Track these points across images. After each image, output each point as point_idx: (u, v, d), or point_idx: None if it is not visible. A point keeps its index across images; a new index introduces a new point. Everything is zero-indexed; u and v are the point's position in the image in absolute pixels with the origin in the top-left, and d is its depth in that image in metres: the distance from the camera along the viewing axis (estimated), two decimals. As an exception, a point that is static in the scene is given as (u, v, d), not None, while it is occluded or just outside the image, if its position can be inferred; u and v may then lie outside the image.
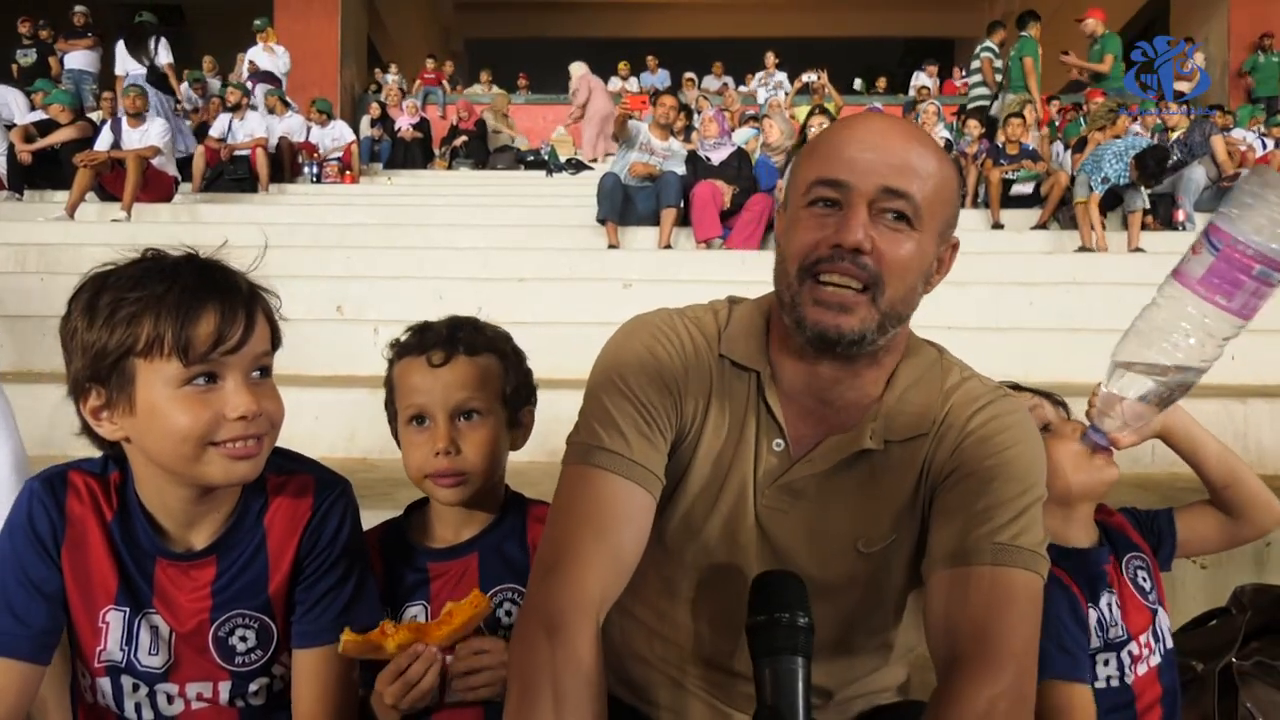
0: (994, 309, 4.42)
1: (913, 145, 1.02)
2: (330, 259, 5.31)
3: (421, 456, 1.25)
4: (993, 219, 7.18)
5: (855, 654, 1.14)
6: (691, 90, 12.59)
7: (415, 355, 1.26)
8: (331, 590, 1.16)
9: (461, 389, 1.25)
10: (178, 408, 1.02)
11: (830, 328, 1.00)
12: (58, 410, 3.30)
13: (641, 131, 6.55)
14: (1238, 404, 3.19)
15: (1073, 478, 1.29)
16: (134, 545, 1.12)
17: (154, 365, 1.01)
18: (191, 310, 1.01)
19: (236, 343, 1.03)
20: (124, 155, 6.94)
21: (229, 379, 1.04)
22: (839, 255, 0.99)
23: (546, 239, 6.29)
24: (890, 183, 0.99)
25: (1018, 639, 0.95)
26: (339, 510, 1.19)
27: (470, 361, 1.26)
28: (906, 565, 1.09)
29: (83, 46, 10.39)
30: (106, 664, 1.12)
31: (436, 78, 13.71)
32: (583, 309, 4.27)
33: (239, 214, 7.19)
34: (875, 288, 1.00)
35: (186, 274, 1.04)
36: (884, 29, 18.23)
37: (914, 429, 1.07)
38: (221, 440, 1.03)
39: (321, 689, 1.15)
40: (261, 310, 1.08)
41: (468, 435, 1.25)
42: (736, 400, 1.10)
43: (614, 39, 14.19)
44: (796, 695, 0.84)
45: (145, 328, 1.00)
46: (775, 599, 0.88)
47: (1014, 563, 0.98)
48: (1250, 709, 1.42)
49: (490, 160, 11.02)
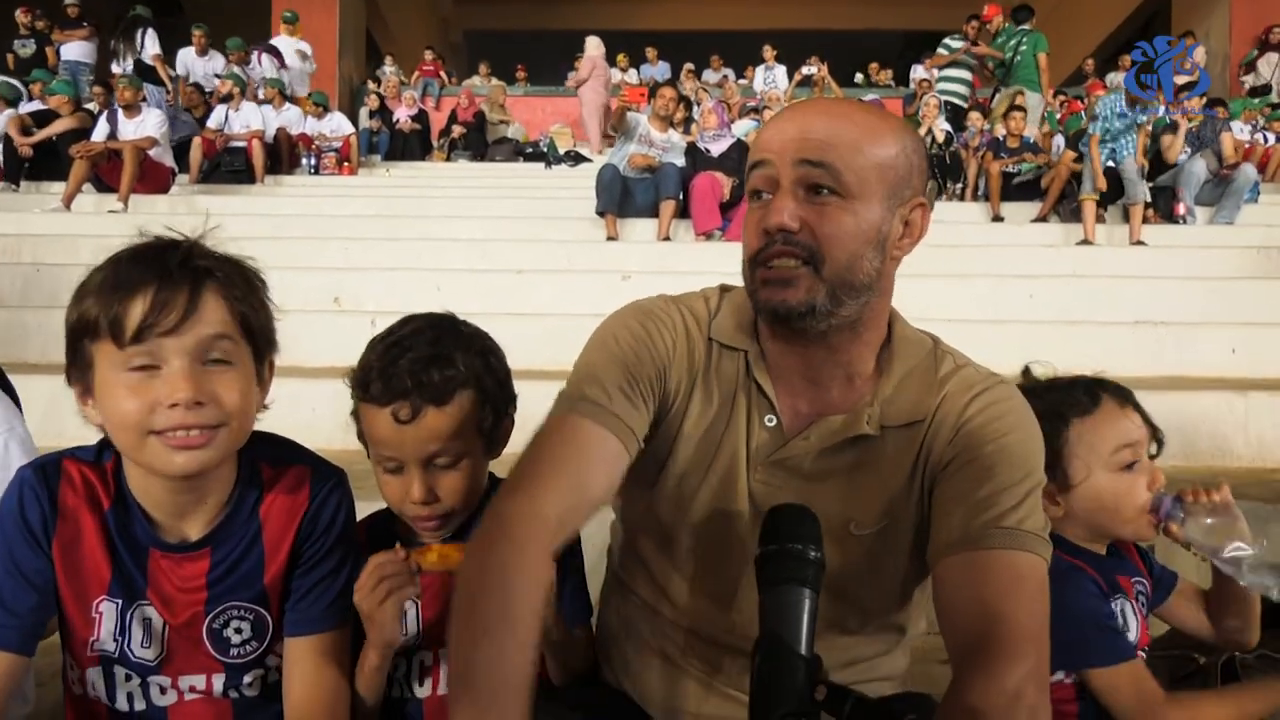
0: (994, 301, 4.41)
1: (836, 118, 1.03)
2: (328, 250, 5.30)
3: (397, 498, 1.21)
4: (993, 212, 7.17)
5: (851, 637, 1.14)
6: (691, 82, 12.55)
7: (379, 406, 1.16)
8: (325, 579, 1.15)
9: (434, 441, 1.16)
10: (120, 392, 0.99)
11: (778, 303, 1.02)
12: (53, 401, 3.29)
13: (640, 123, 6.53)
14: (1238, 397, 3.19)
15: (1123, 525, 1.27)
16: (129, 536, 1.10)
17: (100, 348, 0.99)
18: (122, 290, 0.98)
19: (173, 324, 0.98)
20: (120, 146, 6.91)
21: (170, 364, 0.99)
22: (771, 240, 1.02)
23: (545, 231, 6.26)
24: (806, 154, 1.00)
25: (1034, 621, 0.96)
26: (335, 500, 1.17)
27: (440, 413, 1.16)
28: (901, 551, 1.10)
29: (79, 37, 10.33)
30: (99, 653, 1.11)
31: (435, 69, 13.67)
32: (581, 301, 4.25)
33: (236, 205, 7.17)
34: (815, 259, 1.01)
35: (138, 256, 1.01)
36: (882, 21, 18.18)
37: (910, 416, 1.08)
38: (161, 429, 0.99)
39: (314, 677, 1.13)
40: (216, 292, 1.02)
41: (443, 481, 1.19)
42: (726, 379, 1.12)
43: (613, 31, 14.12)
44: (801, 625, 0.80)
45: (88, 309, 0.99)
46: (786, 531, 0.86)
47: (1021, 546, 0.98)
48: (1252, 702, 1.41)
49: (489, 152, 10.99)
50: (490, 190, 8.16)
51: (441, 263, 5.07)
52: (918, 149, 1.07)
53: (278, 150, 8.78)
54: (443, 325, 1.23)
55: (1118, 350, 3.82)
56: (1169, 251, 5.68)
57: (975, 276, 4.77)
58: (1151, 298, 4.42)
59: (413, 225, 6.20)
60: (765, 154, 1.03)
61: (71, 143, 7.08)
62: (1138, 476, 1.26)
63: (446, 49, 16.01)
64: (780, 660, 0.78)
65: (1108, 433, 1.26)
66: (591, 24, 13.75)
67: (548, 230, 6.29)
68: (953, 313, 4.02)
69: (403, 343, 1.18)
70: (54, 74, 9.54)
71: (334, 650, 1.16)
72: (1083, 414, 1.29)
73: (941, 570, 1.01)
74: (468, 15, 19.05)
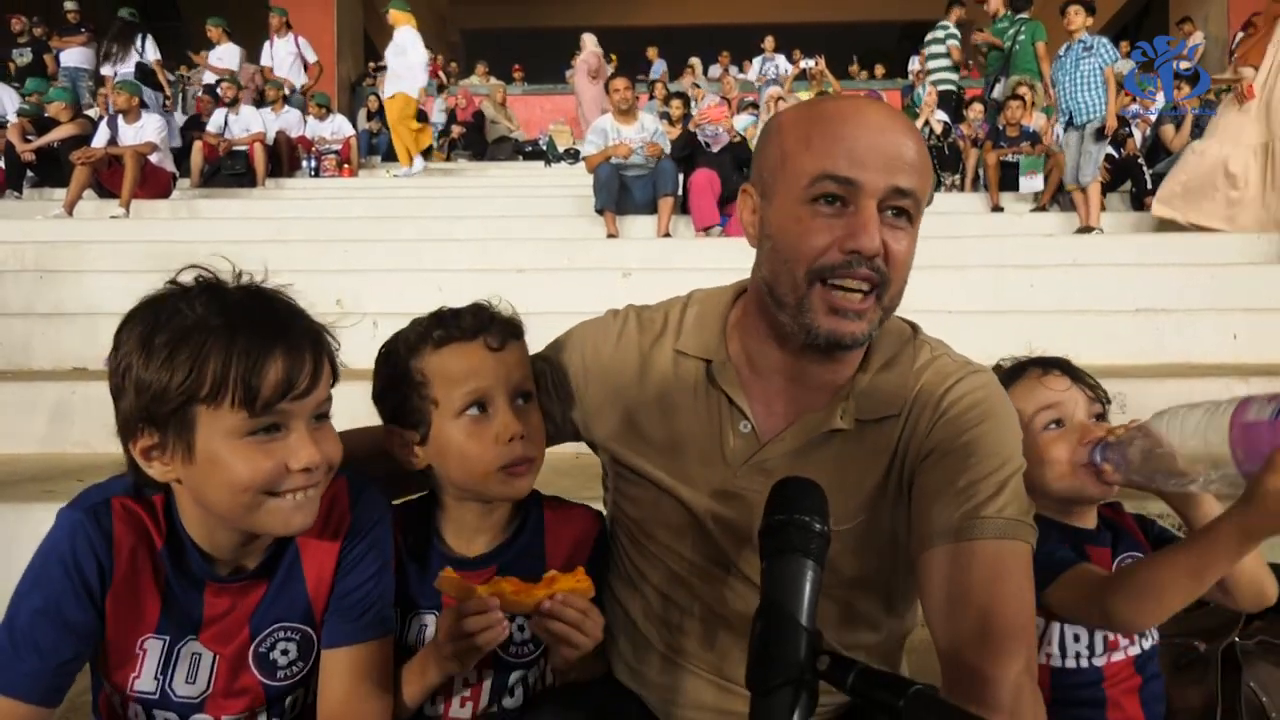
0: (995, 292, 4.41)
1: (910, 139, 1.01)
2: (329, 253, 5.30)
3: (487, 448, 1.13)
4: (992, 202, 7.16)
5: (834, 631, 1.13)
6: (689, 77, 12.55)
7: (467, 340, 1.15)
8: (364, 585, 1.11)
9: (519, 368, 1.18)
10: (239, 458, 0.95)
11: (845, 335, 1.01)
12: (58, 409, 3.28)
13: (606, 132, 6.41)
14: (1240, 383, 3.19)
15: (1054, 481, 1.28)
16: (184, 572, 1.05)
17: (217, 413, 0.94)
18: (260, 357, 0.93)
19: (304, 390, 0.96)
20: (121, 152, 6.93)
21: (294, 428, 0.97)
22: (857, 261, 0.98)
23: (545, 229, 6.27)
24: (900, 182, 0.98)
25: (1024, 613, 0.97)
26: (372, 505, 1.14)
27: (518, 344, 1.19)
28: (880, 547, 1.09)
29: (77, 43, 10.35)
30: (138, 694, 1.06)
31: (433, 69, 13.67)
32: (582, 298, 4.24)
33: (237, 209, 7.18)
34: (882, 287, 1.00)
35: (251, 312, 0.96)
36: (883, 13, 18.15)
37: (886, 409, 1.08)
38: (282, 491, 0.98)
39: (350, 688, 1.09)
40: (326, 353, 1.02)
41: (528, 419, 1.17)
42: (691, 390, 1.14)
43: (611, 28, 14.13)
44: (802, 594, 0.78)
45: (210, 374, 0.92)
46: (792, 502, 0.84)
47: (1004, 534, 0.99)
48: (1253, 688, 1.42)
49: (488, 151, 11.00)
50: (490, 190, 8.16)
51: (442, 263, 5.08)
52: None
53: (278, 153, 8.81)
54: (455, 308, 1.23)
55: (1119, 339, 3.82)
56: (1166, 238, 5.68)
57: (975, 267, 4.76)
58: (1153, 285, 4.42)
59: (413, 226, 6.21)
60: (854, 174, 0.97)
61: (72, 149, 7.10)
62: (1061, 434, 1.29)
63: (444, 48, 15.99)
64: (781, 629, 0.77)
65: (1023, 398, 1.30)
66: (588, 21, 13.75)
67: (548, 229, 6.30)
68: (952, 304, 4.03)
69: (439, 312, 1.19)
70: (52, 81, 9.55)
71: (373, 663, 1.11)
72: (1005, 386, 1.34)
73: (925, 563, 1.01)
74: (464, 14, 19.03)
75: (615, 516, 1.26)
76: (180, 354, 0.92)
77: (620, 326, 1.23)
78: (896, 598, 1.16)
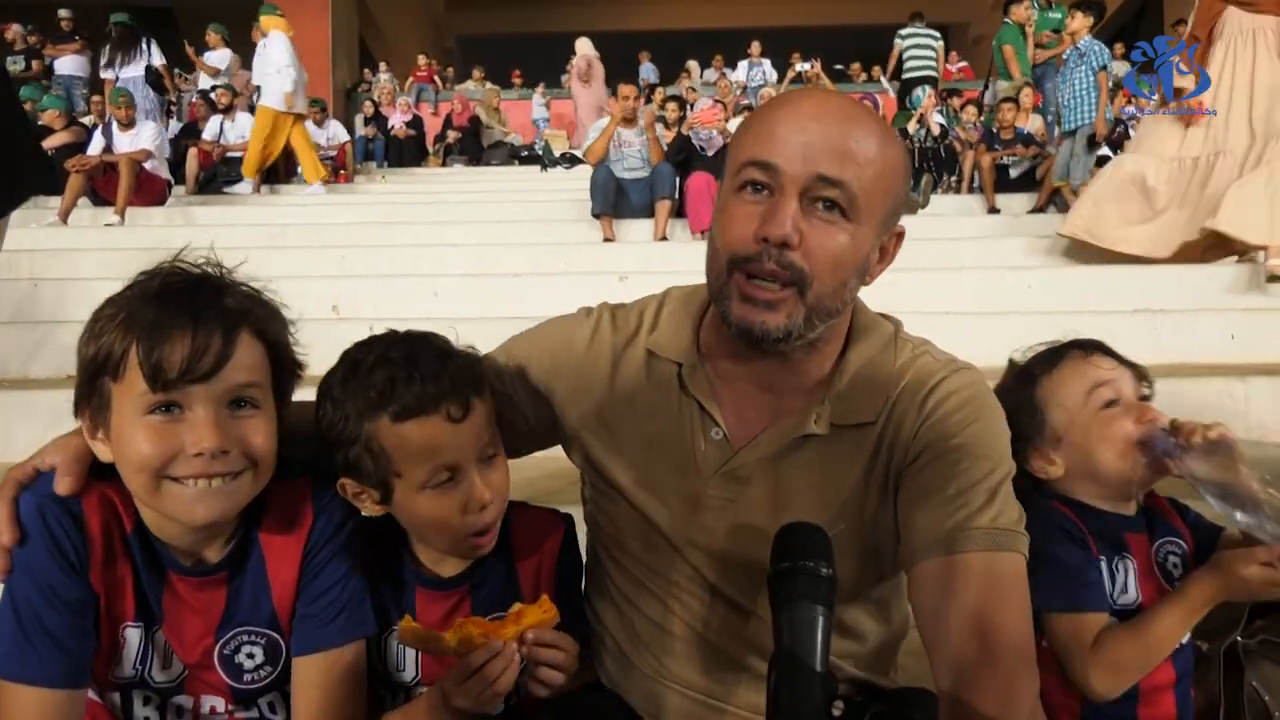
0: (991, 293, 4.41)
1: (852, 127, 0.94)
2: (325, 259, 5.29)
3: (455, 516, 1.09)
4: (988, 204, 7.17)
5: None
6: (685, 80, 12.56)
7: (428, 414, 1.05)
8: (332, 589, 1.08)
9: (485, 429, 1.10)
10: (139, 434, 0.94)
11: (755, 324, 0.96)
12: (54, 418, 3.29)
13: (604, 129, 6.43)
14: (1238, 382, 3.18)
15: (1113, 461, 1.26)
16: (150, 559, 1.04)
17: (122, 387, 0.95)
18: (162, 333, 0.93)
19: (207, 371, 0.94)
20: (116, 159, 6.92)
21: (196, 410, 0.95)
22: (766, 251, 0.94)
23: (542, 234, 6.26)
24: (824, 169, 0.92)
25: (1023, 627, 0.94)
26: (338, 515, 1.11)
27: (481, 401, 1.10)
28: (864, 555, 1.06)
29: (71, 51, 10.33)
30: (116, 679, 1.05)
31: (429, 74, 13.68)
32: (579, 303, 4.21)
33: (233, 216, 7.16)
34: (802, 283, 0.95)
35: (169, 291, 0.96)
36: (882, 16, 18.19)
37: (864, 414, 1.03)
38: (180, 475, 0.95)
39: (323, 698, 1.06)
40: (253, 335, 0.99)
41: (491, 479, 1.11)
42: (663, 393, 1.10)
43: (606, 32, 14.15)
44: (815, 641, 0.80)
45: (114, 347, 0.94)
46: (798, 549, 0.85)
47: (999, 546, 0.95)
48: (1256, 687, 1.41)
49: (484, 156, 11.01)
50: (486, 195, 8.16)
51: (439, 268, 5.07)
52: (908, 167, 1.03)
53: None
54: (395, 339, 1.13)
55: (1117, 339, 3.77)
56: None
57: (971, 269, 4.76)
58: (1149, 285, 4.42)
59: (409, 231, 6.20)
60: (775, 157, 0.93)
61: (66, 157, 7.08)
62: (1119, 412, 1.27)
63: (439, 54, 16.01)
64: (797, 679, 0.78)
65: (1073, 377, 1.28)
66: (583, 26, 13.77)
67: (544, 233, 6.30)
68: (949, 305, 4.03)
69: (387, 358, 1.08)
70: (46, 89, 9.55)
71: (345, 670, 1.08)
72: (1049, 368, 1.33)
73: (918, 575, 0.98)
74: (460, 20, 19.06)
75: (593, 529, 1.23)
76: (96, 328, 0.96)
77: (594, 325, 1.17)
78: (883, 606, 1.13)
